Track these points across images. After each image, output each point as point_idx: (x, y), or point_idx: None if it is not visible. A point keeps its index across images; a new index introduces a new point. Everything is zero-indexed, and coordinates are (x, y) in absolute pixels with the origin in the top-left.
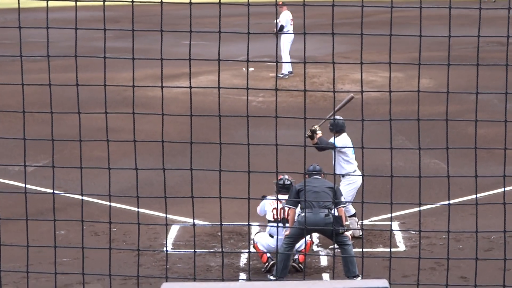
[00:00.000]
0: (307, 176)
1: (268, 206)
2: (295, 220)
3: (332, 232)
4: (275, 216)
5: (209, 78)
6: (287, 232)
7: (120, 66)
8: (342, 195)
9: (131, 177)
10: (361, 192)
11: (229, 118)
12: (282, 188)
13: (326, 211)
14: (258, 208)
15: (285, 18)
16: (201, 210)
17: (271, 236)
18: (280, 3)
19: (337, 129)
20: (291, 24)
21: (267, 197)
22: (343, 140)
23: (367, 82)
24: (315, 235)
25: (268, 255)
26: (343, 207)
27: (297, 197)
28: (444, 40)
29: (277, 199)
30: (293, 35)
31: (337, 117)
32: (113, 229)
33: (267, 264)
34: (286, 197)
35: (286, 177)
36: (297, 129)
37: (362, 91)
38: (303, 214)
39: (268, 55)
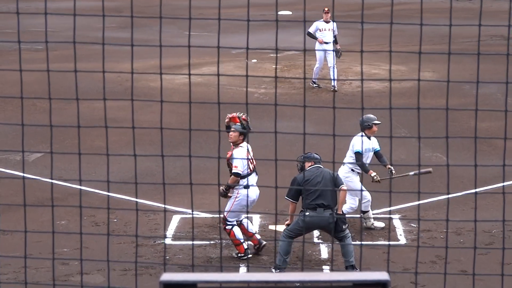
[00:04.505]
0: (311, 163)
1: (245, 160)
2: (299, 217)
3: (334, 229)
4: (251, 167)
5: (212, 69)
6: (288, 222)
7: (122, 56)
8: (342, 181)
9: (131, 167)
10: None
11: (231, 109)
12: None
13: (330, 210)
14: (240, 166)
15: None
16: (202, 201)
17: (247, 187)
18: (327, 9)
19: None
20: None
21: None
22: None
23: (370, 75)
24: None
25: (245, 246)
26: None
27: (299, 191)
28: (447, 33)
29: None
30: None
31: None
32: (114, 220)
33: (244, 254)
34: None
35: (242, 115)
36: (299, 121)
37: (362, 79)
38: (307, 213)
39: (271, 46)
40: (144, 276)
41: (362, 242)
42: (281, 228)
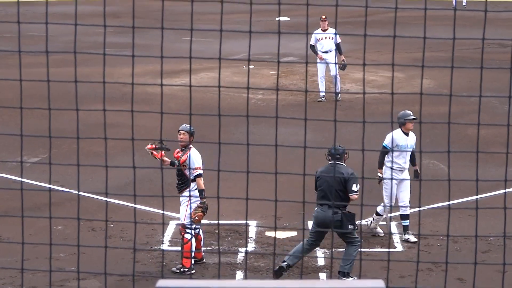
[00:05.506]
0: (329, 158)
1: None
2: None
3: (341, 229)
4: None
5: (210, 75)
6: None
7: (120, 61)
8: (354, 183)
9: (129, 172)
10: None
11: (230, 117)
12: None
13: (336, 209)
14: (201, 167)
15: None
16: None
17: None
18: (324, 17)
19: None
20: None
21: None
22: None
23: (368, 81)
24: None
25: (193, 261)
26: (356, 195)
27: (316, 185)
28: (444, 41)
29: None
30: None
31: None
32: (110, 225)
33: (188, 270)
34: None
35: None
36: (297, 127)
37: (364, 93)
38: (316, 208)
39: (269, 52)
40: (140, 282)
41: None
42: (279, 235)
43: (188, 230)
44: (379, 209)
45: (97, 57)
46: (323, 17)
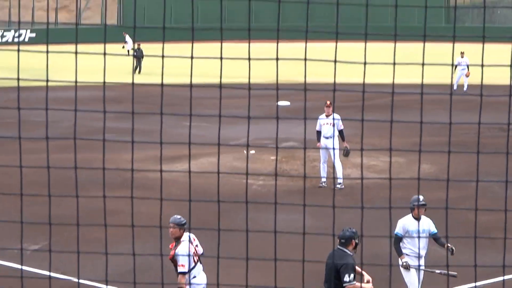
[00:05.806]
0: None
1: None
2: None
3: None
4: (195, 260)
5: (210, 160)
6: None
7: (121, 147)
8: (347, 273)
9: (130, 259)
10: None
11: (230, 204)
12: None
13: None
14: (186, 264)
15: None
16: None
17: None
18: (329, 103)
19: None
20: None
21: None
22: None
23: (368, 166)
24: None
25: None
26: (350, 285)
27: None
28: (444, 126)
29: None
30: None
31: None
32: None
33: None
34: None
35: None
36: (297, 213)
37: (362, 178)
38: None
39: (270, 137)
40: None
41: None
42: None
43: None
44: None
45: (98, 142)
46: (328, 102)
